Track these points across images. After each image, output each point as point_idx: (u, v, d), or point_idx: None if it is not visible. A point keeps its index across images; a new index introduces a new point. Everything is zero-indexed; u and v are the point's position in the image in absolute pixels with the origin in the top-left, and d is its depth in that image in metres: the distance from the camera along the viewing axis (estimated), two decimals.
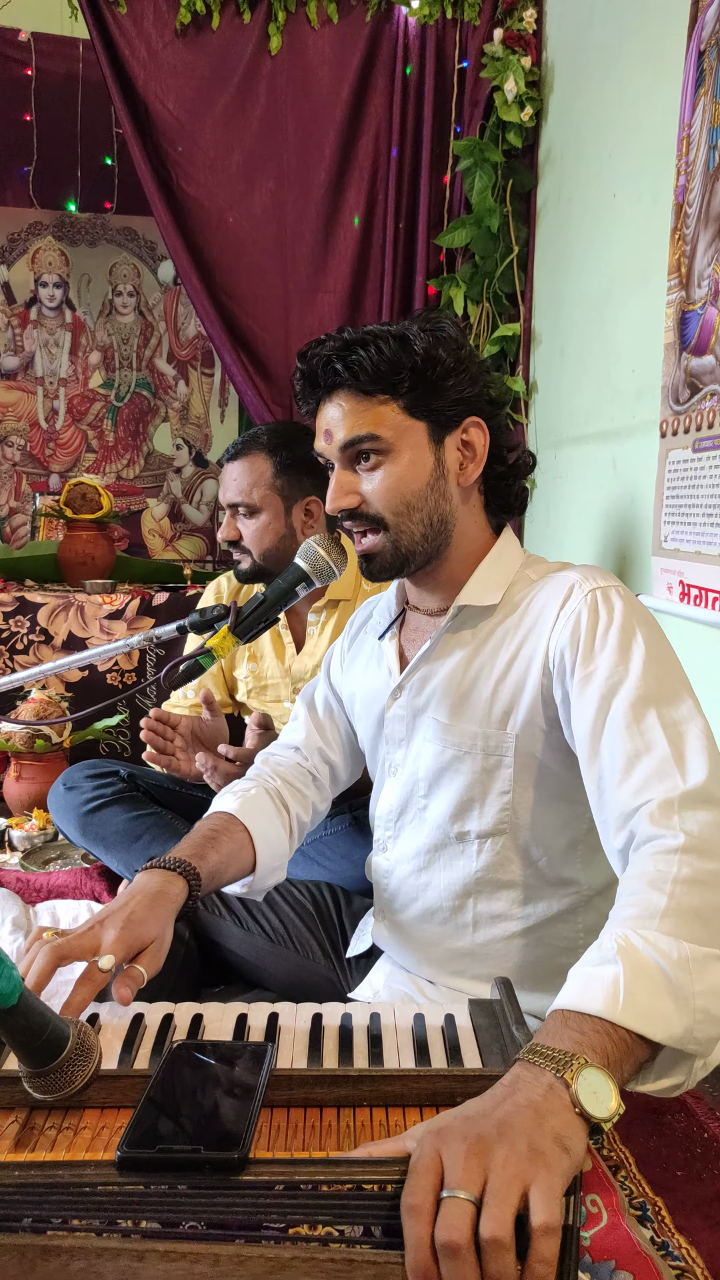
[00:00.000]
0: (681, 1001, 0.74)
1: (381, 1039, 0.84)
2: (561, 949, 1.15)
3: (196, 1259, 0.60)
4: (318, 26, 2.60)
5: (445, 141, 2.65)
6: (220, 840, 1.13)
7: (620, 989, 0.73)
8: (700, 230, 1.60)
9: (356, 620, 1.39)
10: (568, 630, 1.04)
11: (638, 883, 0.82)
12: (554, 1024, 0.73)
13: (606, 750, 0.95)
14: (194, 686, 2.00)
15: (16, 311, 3.51)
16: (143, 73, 2.57)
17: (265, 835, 1.19)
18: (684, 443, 1.64)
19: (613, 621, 1.02)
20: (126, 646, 1.25)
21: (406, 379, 1.08)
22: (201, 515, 3.68)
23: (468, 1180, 0.60)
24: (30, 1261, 0.60)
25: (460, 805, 1.14)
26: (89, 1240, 0.60)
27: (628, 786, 0.91)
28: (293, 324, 2.77)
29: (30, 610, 2.68)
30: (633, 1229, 0.99)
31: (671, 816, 0.86)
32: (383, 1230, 0.60)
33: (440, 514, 1.12)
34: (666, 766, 0.90)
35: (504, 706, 1.10)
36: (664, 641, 1.02)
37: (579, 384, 2.30)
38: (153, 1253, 0.60)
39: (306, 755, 1.34)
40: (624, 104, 2.03)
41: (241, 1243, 0.60)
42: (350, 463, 1.12)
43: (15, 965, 0.67)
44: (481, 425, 1.13)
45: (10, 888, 1.96)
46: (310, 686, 1.41)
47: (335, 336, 1.11)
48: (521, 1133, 0.63)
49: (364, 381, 1.08)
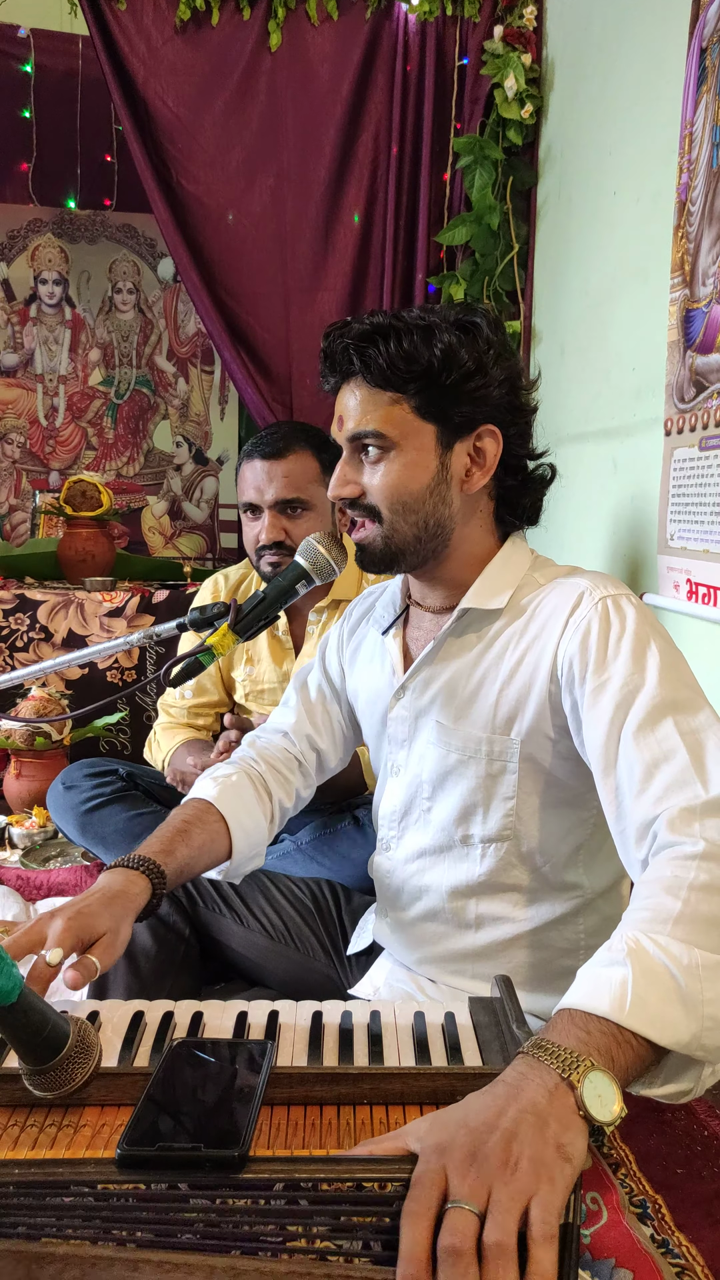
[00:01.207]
0: (690, 1008, 0.73)
1: (382, 1037, 0.84)
2: (563, 950, 1.15)
3: (191, 1270, 0.59)
4: (318, 23, 2.60)
5: (445, 139, 2.65)
6: (192, 832, 1.13)
7: (629, 992, 0.72)
8: (704, 228, 1.60)
9: (356, 610, 1.38)
10: (577, 638, 1.02)
11: (653, 887, 0.81)
12: (561, 1021, 0.73)
13: (624, 761, 0.94)
14: (192, 686, 2.00)
15: (16, 308, 3.50)
16: (142, 69, 2.57)
17: (242, 823, 1.19)
18: (690, 441, 1.64)
19: (625, 630, 1.00)
20: (126, 644, 1.25)
21: (419, 381, 1.06)
22: (201, 513, 3.68)
23: (473, 1195, 0.60)
24: (25, 1268, 0.60)
25: (464, 809, 1.13)
26: (83, 1249, 0.60)
27: (648, 796, 0.90)
28: (292, 322, 2.76)
29: (30, 608, 2.68)
30: (633, 1227, 0.99)
31: (692, 824, 0.84)
32: (382, 1245, 0.60)
33: (437, 518, 1.11)
34: (687, 775, 0.88)
35: (509, 712, 1.09)
36: (676, 650, 1.01)
37: (579, 382, 2.30)
38: (147, 1263, 0.60)
39: (294, 741, 1.33)
40: (624, 101, 2.03)
41: (238, 1254, 0.60)
42: (356, 453, 1.11)
43: (15, 963, 0.67)
44: (496, 434, 1.10)
45: (10, 885, 1.96)
46: (305, 670, 1.40)
47: (359, 321, 1.08)
48: (525, 1144, 0.63)
49: (377, 376, 1.07)
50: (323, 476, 1.75)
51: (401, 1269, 0.58)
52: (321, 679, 1.37)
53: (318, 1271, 0.59)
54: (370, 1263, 0.60)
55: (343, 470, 1.12)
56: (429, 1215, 0.59)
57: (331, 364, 1.11)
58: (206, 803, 1.19)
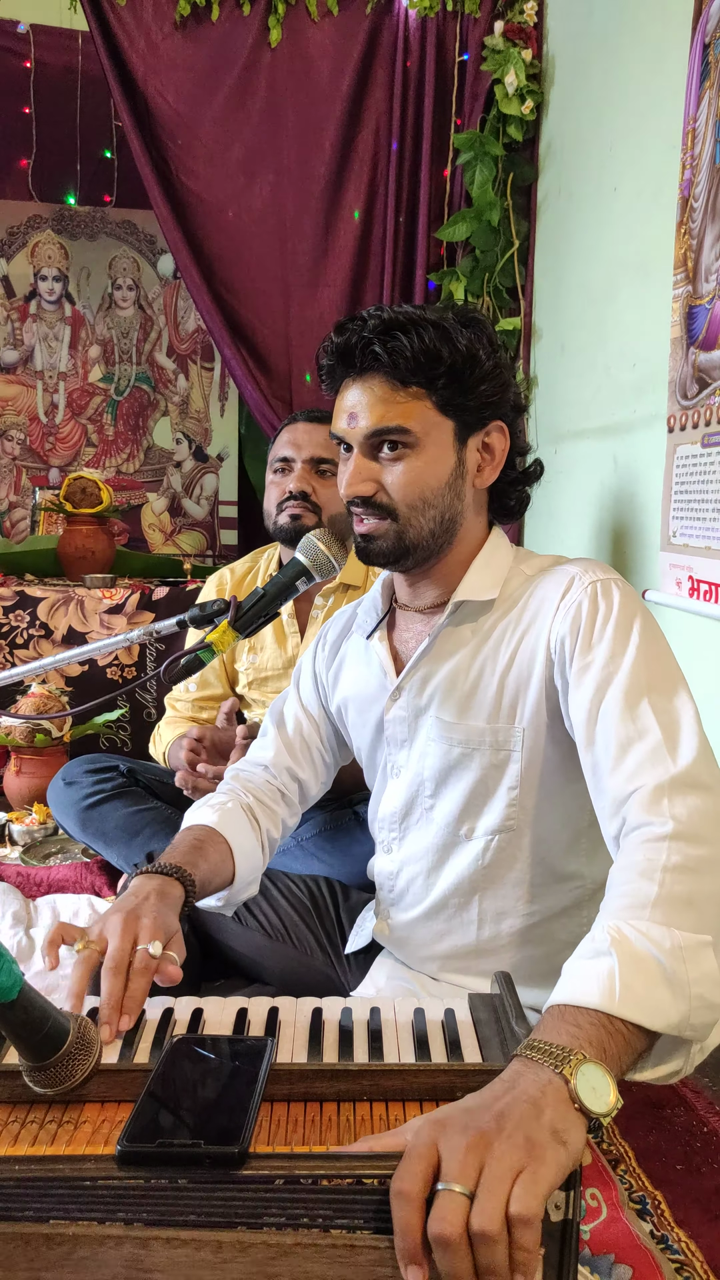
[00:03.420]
0: (678, 989, 0.75)
1: (381, 1033, 0.84)
2: (566, 944, 1.15)
3: (199, 1246, 0.60)
4: (318, 19, 2.59)
5: (445, 135, 2.64)
6: (207, 850, 1.13)
7: (616, 981, 0.74)
8: (707, 224, 1.60)
9: (331, 630, 1.36)
10: (569, 619, 1.05)
11: (628, 873, 0.84)
12: (551, 1019, 0.74)
13: (601, 738, 0.97)
14: (196, 680, 2.00)
15: (16, 305, 3.50)
16: (142, 65, 2.56)
17: (244, 849, 1.19)
18: (693, 438, 1.64)
19: (611, 613, 1.03)
20: (126, 641, 1.24)
21: (444, 374, 1.06)
22: (201, 510, 3.68)
23: (463, 1173, 0.60)
24: (35, 1250, 0.60)
25: (468, 803, 1.14)
26: (92, 1229, 0.60)
27: (621, 773, 0.93)
28: (292, 318, 2.76)
29: (30, 605, 2.68)
30: (632, 1223, 1.00)
31: (661, 802, 0.87)
32: (383, 1220, 0.61)
33: (452, 513, 1.11)
34: (659, 753, 0.91)
35: (511, 700, 1.10)
36: (659, 633, 1.04)
37: (579, 379, 2.30)
38: (156, 1240, 0.60)
39: (275, 774, 1.32)
40: (625, 97, 2.02)
41: (244, 1229, 0.60)
42: (372, 450, 1.10)
43: (15, 960, 0.67)
44: (504, 430, 1.12)
45: (11, 882, 1.96)
46: (279, 701, 1.38)
47: (376, 315, 1.07)
48: (518, 1125, 0.63)
49: (402, 369, 1.05)
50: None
51: (399, 1244, 0.59)
52: (298, 710, 1.35)
53: (323, 1242, 0.60)
54: (372, 1233, 0.60)
55: (357, 467, 1.10)
56: (417, 1192, 0.60)
57: (346, 359, 1.09)
58: (208, 828, 1.17)
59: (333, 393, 1.14)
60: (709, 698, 1.60)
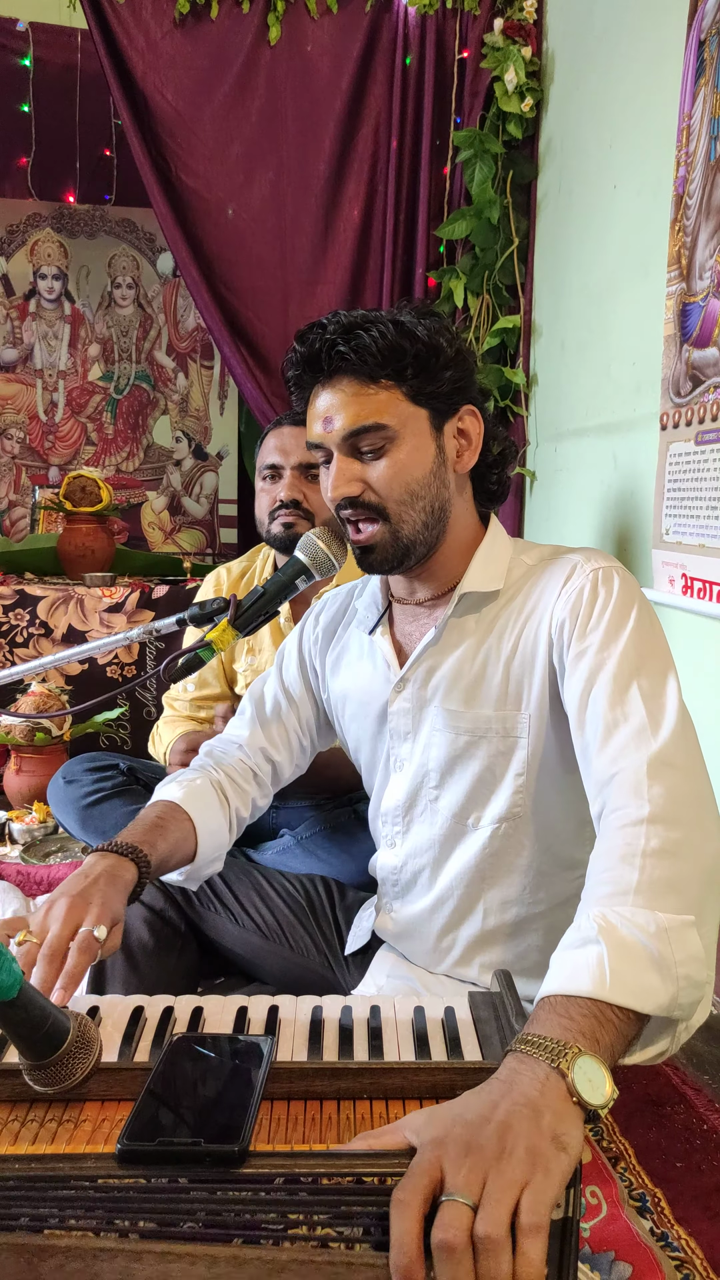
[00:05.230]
0: (665, 971, 0.77)
1: (381, 1032, 0.84)
2: None
3: (194, 1260, 0.60)
4: (317, 16, 2.59)
5: (445, 132, 2.64)
6: (167, 828, 1.13)
7: (606, 968, 0.75)
8: (701, 222, 1.60)
9: (325, 613, 1.35)
10: (569, 603, 1.06)
11: (609, 859, 0.86)
12: (543, 1012, 0.75)
13: (590, 721, 0.99)
14: (194, 680, 2.00)
15: (15, 304, 3.49)
16: (141, 63, 2.56)
17: (209, 826, 1.19)
18: (686, 435, 1.64)
19: (610, 601, 1.04)
20: (126, 640, 1.24)
21: (411, 364, 1.07)
22: (201, 508, 3.68)
23: (467, 1187, 0.60)
24: (27, 1261, 0.60)
25: (474, 792, 1.14)
26: (86, 1240, 0.60)
27: (605, 755, 0.95)
28: (292, 316, 2.76)
29: (30, 603, 2.68)
30: (632, 1220, 1.00)
31: (640, 784, 0.89)
32: (382, 1231, 0.60)
33: (440, 502, 1.12)
34: (642, 735, 0.93)
35: (516, 686, 1.11)
36: (654, 621, 1.06)
37: (579, 377, 2.30)
38: (150, 1253, 0.60)
39: (249, 753, 1.32)
40: (625, 95, 2.02)
41: (239, 1244, 0.60)
42: (353, 451, 1.10)
43: (15, 959, 0.67)
44: (476, 413, 1.14)
45: (11, 880, 1.96)
46: (260, 681, 1.38)
47: (333, 319, 1.08)
48: (520, 1136, 0.63)
49: (370, 365, 1.06)
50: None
51: (394, 1258, 0.58)
52: (279, 691, 1.35)
53: (319, 1259, 0.60)
54: (371, 1248, 0.60)
55: (340, 469, 1.10)
56: (417, 1204, 0.60)
57: (313, 365, 1.09)
58: (173, 804, 1.18)
59: (303, 404, 1.15)
60: (702, 694, 1.60)
